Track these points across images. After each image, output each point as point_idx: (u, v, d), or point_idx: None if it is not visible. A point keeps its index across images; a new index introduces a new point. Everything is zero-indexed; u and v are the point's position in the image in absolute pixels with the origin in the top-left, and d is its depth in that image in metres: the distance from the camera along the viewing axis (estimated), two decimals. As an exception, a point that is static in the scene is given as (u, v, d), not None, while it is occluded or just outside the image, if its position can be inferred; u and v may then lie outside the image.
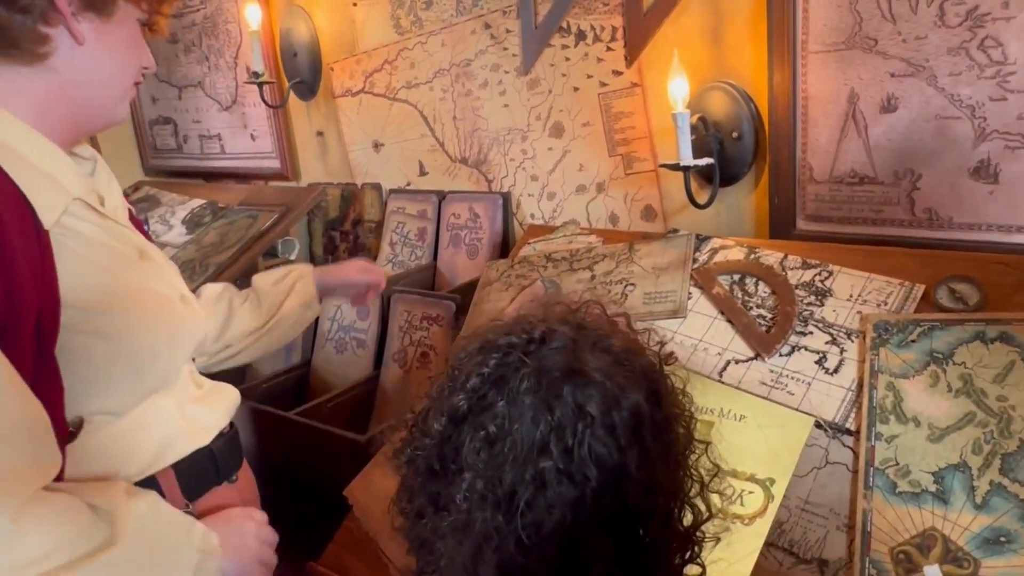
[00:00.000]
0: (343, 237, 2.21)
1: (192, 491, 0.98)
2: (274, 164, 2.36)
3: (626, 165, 1.63)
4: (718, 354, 1.16)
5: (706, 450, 0.73)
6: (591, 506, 0.62)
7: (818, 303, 1.16)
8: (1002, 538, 0.87)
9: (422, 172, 2.01)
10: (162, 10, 1.00)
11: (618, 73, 1.58)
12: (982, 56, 1.14)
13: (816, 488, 0.99)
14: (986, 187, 1.18)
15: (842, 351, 1.09)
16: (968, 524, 0.89)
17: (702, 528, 0.72)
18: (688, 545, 0.71)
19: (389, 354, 1.69)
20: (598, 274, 1.38)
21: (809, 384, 1.08)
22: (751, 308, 1.20)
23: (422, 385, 0.75)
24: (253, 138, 2.42)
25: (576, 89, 1.65)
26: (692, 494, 0.71)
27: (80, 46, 0.90)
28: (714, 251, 1.32)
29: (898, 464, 0.95)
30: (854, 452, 0.99)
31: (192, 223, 2.28)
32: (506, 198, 1.82)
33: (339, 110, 2.14)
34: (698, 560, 0.72)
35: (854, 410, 1.02)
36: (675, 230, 1.42)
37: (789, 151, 1.35)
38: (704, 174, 1.46)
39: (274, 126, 2.32)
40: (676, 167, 1.36)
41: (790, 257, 1.24)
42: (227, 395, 1.10)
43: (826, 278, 1.18)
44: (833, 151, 1.31)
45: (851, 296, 1.14)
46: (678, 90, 1.32)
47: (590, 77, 1.62)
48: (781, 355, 1.12)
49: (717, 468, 0.74)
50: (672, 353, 1.18)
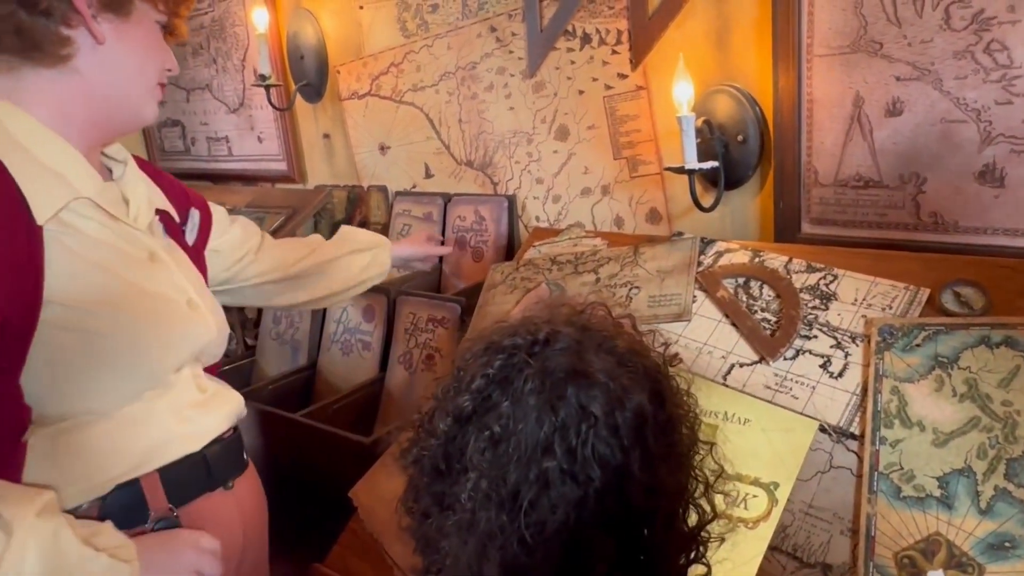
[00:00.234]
0: (349, 239, 2.21)
1: (178, 496, 0.97)
2: (281, 166, 2.37)
3: (631, 168, 1.63)
4: (722, 357, 1.16)
5: (711, 451, 0.73)
6: (594, 506, 0.62)
7: (823, 307, 1.15)
8: (1007, 543, 0.86)
9: (428, 174, 2.02)
10: (179, 11, 1.02)
11: (623, 76, 1.59)
12: (988, 60, 1.14)
13: (820, 492, 0.99)
14: (992, 191, 1.18)
15: (847, 355, 1.09)
16: (973, 529, 0.88)
17: (707, 528, 0.72)
18: (693, 545, 0.71)
19: (394, 356, 1.69)
20: (603, 277, 1.38)
21: (813, 388, 1.07)
22: (756, 311, 1.20)
23: (428, 386, 0.75)
24: (260, 140, 2.43)
25: (581, 92, 1.66)
26: (697, 495, 0.71)
27: (100, 46, 0.92)
28: (719, 254, 1.32)
29: (902, 468, 0.95)
30: (858, 456, 0.99)
31: (199, 225, 2.29)
32: (511, 201, 1.82)
33: (345, 113, 2.15)
34: (703, 560, 0.72)
35: (858, 414, 1.02)
36: (680, 233, 1.42)
37: (794, 154, 1.35)
38: (709, 177, 1.46)
39: (281, 128, 2.33)
40: (681, 170, 1.36)
41: (795, 261, 1.24)
42: (229, 401, 1.09)
43: (831, 282, 1.18)
44: (838, 154, 1.31)
45: (856, 300, 1.14)
46: (683, 93, 1.32)
47: (595, 80, 1.63)
48: (785, 359, 1.12)
49: (721, 469, 0.74)
50: (677, 354, 1.18)
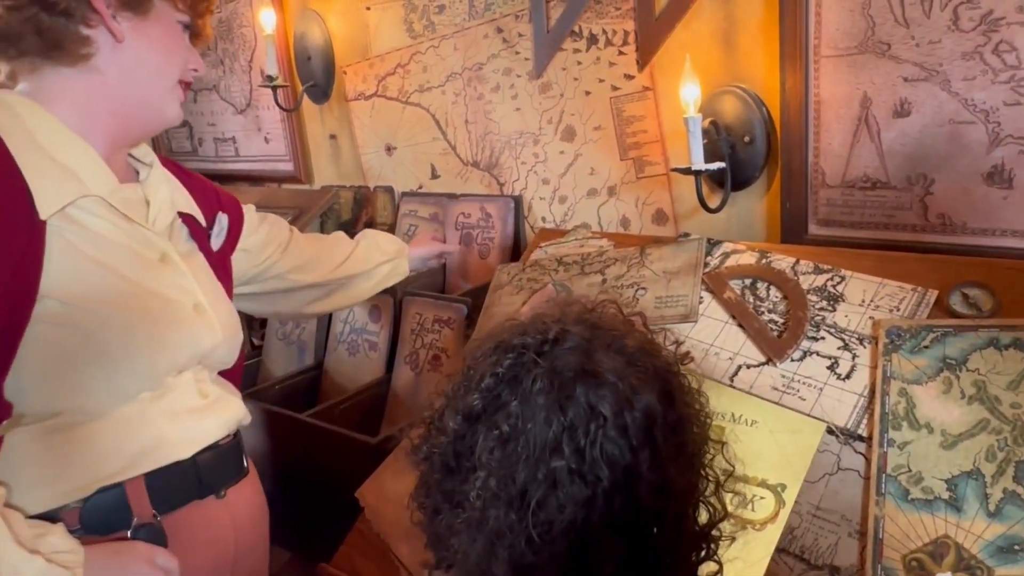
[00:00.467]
0: (355, 240, 2.22)
1: (164, 503, 0.95)
2: (287, 167, 2.37)
3: (637, 169, 1.63)
4: (729, 359, 1.16)
5: (721, 450, 0.73)
6: (602, 506, 0.63)
7: (830, 308, 1.15)
8: (1016, 546, 0.86)
9: (434, 175, 2.02)
10: (199, 10, 1.02)
11: (630, 77, 1.58)
12: (996, 60, 1.13)
13: (828, 494, 0.99)
14: (1000, 192, 1.17)
15: (854, 357, 1.08)
16: (981, 532, 0.88)
17: (719, 526, 0.72)
18: (703, 543, 0.71)
19: (401, 356, 1.69)
20: (609, 278, 1.38)
21: (821, 389, 1.07)
22: (763, 313, 1.20)
23: (439, 383, 0.76)
24: (267, 141, 2.43)
25: (588, 93, 1.66)
26: (707, 493, 0.71)
27: (120, 44, 0.93)
28: (725, 255, 1.32)
29: (911, 471, 0.95)
30: (866, 458, 0.99)
31: (206, 225, 2.30)
32: (517, 201, 1.82)
33: (352, 113, 2.15)
34: (715, 558, 0.72)
35: (866, 416, 1.02)
36: (686, 234, 1.42)
37: (801, 155, 1.35)
38: (716, 178, 1.46)
39: (288, 129, 2.34)
40: (688, 171, 1.36)
41: (802, 262, 1.23)
42: (229, 408, 1.06)
43: (838, 283, 1.18)
44: (845, 155, 1.31)
45: (863, 301, 1.14)
46: (690, 94, 1.32)
47: (602, 81, 1.63)
48: (793, 360, 1.12)
49: (732, 468, 0.74)
50: (688, 352, 1.18)
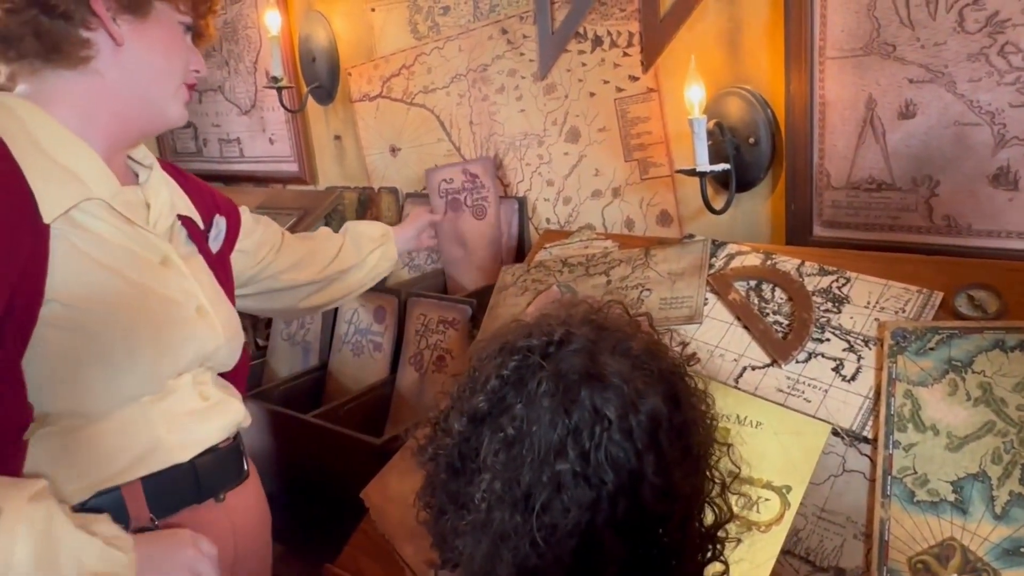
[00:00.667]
0: (360, 241, 2.22)
1: (161, 507, 0.94)
2: (292, 168, 2.38)
3: (642, 170, 1.63)
4: (734, 360, 1.16)
5: (727, 452, 0.73)
6: (607, 509, 0.62)
7: (835, 310, 1.15)
8: (1022, 549, 0.86)
9: (438, 176, 2.02)
10: (200, 11, 1.01)
11: (634, 78, 1.59)
12: (1002, 62, 1.13)
13: (833, 496, 0.99)
14: (1006, 194, 1.17)
15: (859, 358, 1.08)
16: (987, 534, 0.88)
17: (725, 527, 0.72)
18: (709, 544, 0.71)
19: (405, 357, 1.69)
20: (614, 279, 1.38)
21: (826, 391, 1.07)
22: (767, 314, 1.20)
23: (445, 383, 0.76)
24: (272, 142, 2.44)
25: (592, 94, 1.66)
26: (713, 495, 0.71)
27: (120, 47, 0.93)
28: (730, 257, 1.32)
29: (916, 473, 0.95)
30: (871, 460, 0.99)
31: (211, 226, 2.30)
32: (522, 202, 1.82)
33: (356, 114, 2.15)
34: (721, 558, 0.72)
35: (871, 418, 1.02)
36: (691, 235, 1.42)
37: (806, 157, 1.34)
38: (720, 179, 1.46)
39: (292, 130, 2.34)
40: (692, 172, 1.36)
41: (807, 263, 1.23)
42: (229, 411, 1.06)
43: (843, 285, 1.18)
44: (850, 157, 1.31)
45: (868, 303, 1.14)
46: (695, 96, 1.32)
47: (606, 82, 1.63)
48: (798, 362, 1.12)
49: (738, 470, 0.73)
50: (694, 354, 1.18)
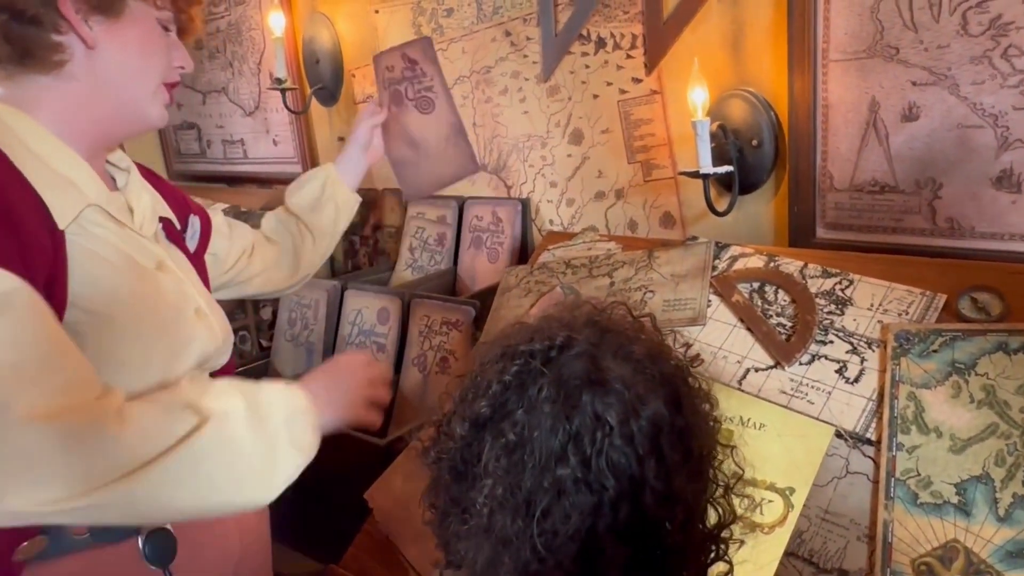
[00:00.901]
0: (363, 242, 2.23)
1: None
2: (296, 169, 2.38)
3: (645, 172, 1.63)
4: (737, 362, 1.17)
5: (731, 453, 0.73)
6: (608, 515, 0.62)
7: (838, 312, 1.15)
8: (1025, 551, 0.86)
9: (442, 178, 2.03)
10: (180, 4, 0.98)
11: (638, 80, 1.59)
12: (1005, 65, 1.13)
13: (836, 498, 0.99)
14: (1009, 196, 1.17)
15: (863, 360, 1.09)
16: (991, 536, 0.88)
17: (729, 528, 0.71)
18: (712, 545, 0.71)
19: (409, 358, 1.70)
20: (617, 281, 1.38)
21: (829, 393, 1.07)
22: (771, 316, 1.20)
23: (450, 383, 0.76)
24: (275, 143, 2.45)
25: (596, 96, 1.66)
26: (716, 496, 0.71)
27: (93, 49, 0.90)
28: (733, 259, 1.32)
29: (919, 475, 0.95)
30: (875, 462, 0.99)
31: (215, 227, 2.31)
32: (525, 204, 1.83)
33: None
34: (725, 558, 0.72)
35: (875, 420, 1.02)
36: (694, 237, 1.43)
37: (809, 159, 1.35)
38: (723, 182, 1.46)
39: (296, 131, 2.35)
40: (696, 174, 1.36)
41: (810, 265, 1.24)
42: None
43: (846, 287, 1.18)
44: (854, 159, 1.31)
45: (872, 305, 1.14)
46: (698, 98, 1.33)
47: (610, 84, 1.63)
48: (801, 364, 1.12)
49: (742, 472, 0.73)
50: (698, 355, 1.18)
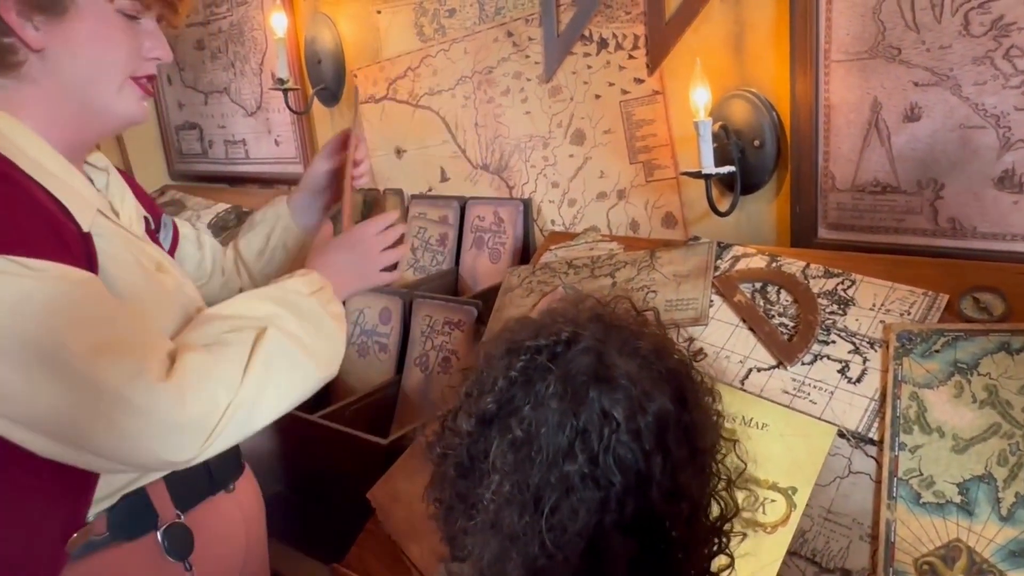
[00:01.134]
0: (365, 242, 2.23)
1: (184, 501, 0.97)
2: (298, 169, 2.38)
3: (647, 172, 1.63)
4: (740, 362, 1.17)
5: (734, 447, 0.73)
6: (615, 510, 0.63)
7: (841, 312, 1.16)
8: (1027, 550, 0.86)
9: (443, 178, 2.03)
10: None
11: (640, 81, 1.59)
12: (1007, 66, 1.14)
13: (839, 498, 0.99)
14: (1011, 197, 1.17)
15: (865, 360, 1.09)
16: (993, 536, 0.88)
17: (731, 521, 0.72)
18: (715, 537, 0.71)
19: (411, 358, 1.70)
20: (619, 281, 1.38)
21: (832, 393, 1.08)
22: (773, 316, 1.20)
23: (452, 377, 0.76)
24: (277, 143, 2.45)
25: (598, 97, 1.66)
26: (719, 488, 0.71)
27: (42, 51, 0.85)
28: (736, 259, 1.33)
29: (922, 475, 0.95)
30: (877, 462, 0.99)
31: (217, 227, 2.31)
32: (527, 204, 1.83)
33: (362, 116, 2.16)
34: (727, 551, 0.72)
35: (877, 420, 1.02)
36: (696, 238, 1.43)
37: (811, 159, 1.35)
38: (725, 182, 1.46)
39: (298, 132, 2.35)
40: (698, 175, 1.37)
41: (812, 266, 1.24)
42: None
43: (849, 287, 1.18)
44: (855, 160, 1.31)
45: (874, 305, 1.14)
46: (700, 98, 1.33)
47: (612, 85, 1.63)
48: (803, 364, 1.12)
49: (744, 465, 0.74)
50: (700, 349, 1.18)
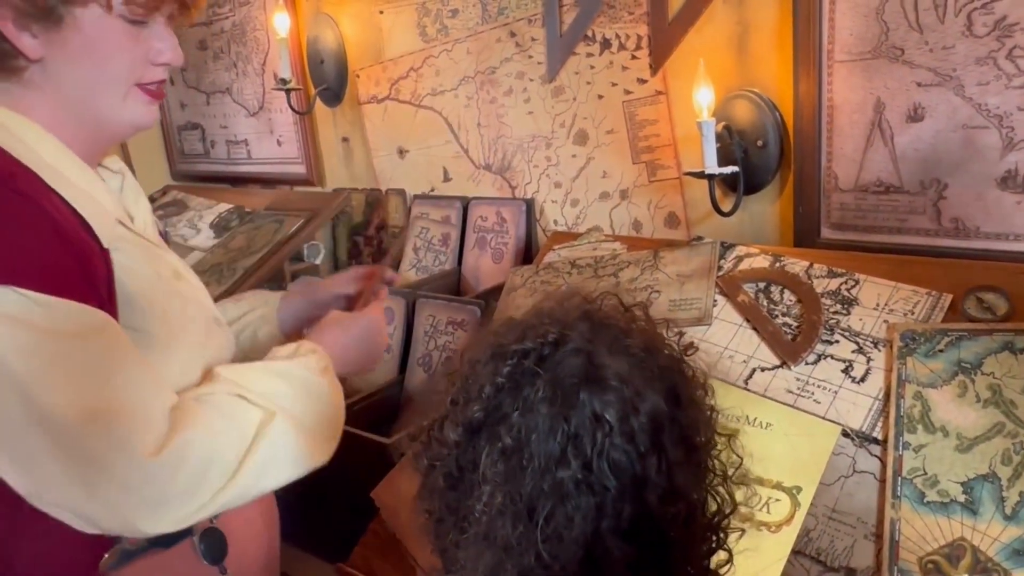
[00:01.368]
0: (367, 242, 2.23)
1: None
2: (300, 169, 2.39)
3: (650, 172, 1.63)
4: (744, 362, 1.17)
5: (729, 442, 0.72)
6: (611, 515, 0.61)
7: (844, 312, 1.16)
8: (1031, 549, 0.87)
9: (446, 178, 2.03)
10: None
11: (643, 81, 1.59)
12: (1010, 66, 1.14)
13: (843, 497, 0.99)
14: (1014, 197, 1.18)
15: (869, 360, 1.09)
16: (998, 535, 0.89)
17: (728, 517, 0.70)
18: (712, 534, 0.70)
19: (414, 358, 1.70)
20: (623, 281, 1.39)
21: (836, 393, 1.08)
22: (776, 316, 1.20)
23: (438, 382, 0.74)
24: (279, 144, 2.45)
25: (600, 97, 1.67)
26: (715, 484, 0.70)
27: (41, 60, 0.84)
28: (739, 259, 1.33)
29: (926, 474, 0.96)
30: (881, 461, 0.99)
31: (219, 227, 2.32)
32: (529, 204, 1.83)
33: (364, 116, 2.16)
34: (725, 547, 0.71)
35: (881, 419, 1.03)
36: (699, 238, 1.43)
37: (814, 160, 1.35)
38: (728, 182, 1.46)
39: (300, 132, 2.35)
40: (701, 175, 1.37)
41: (815, 265, 1.24)
42: None
43: (852, 287, 1.18)
44: (858, 160, 1.32)
45: (877, 305, 1.14)
46: (703, 98, 1.33)
47: (615, 85, 1.64)
48: (807, 363, 1.12)
49: (740, 460, 0.72)
50: (692, 343, 1.17)
